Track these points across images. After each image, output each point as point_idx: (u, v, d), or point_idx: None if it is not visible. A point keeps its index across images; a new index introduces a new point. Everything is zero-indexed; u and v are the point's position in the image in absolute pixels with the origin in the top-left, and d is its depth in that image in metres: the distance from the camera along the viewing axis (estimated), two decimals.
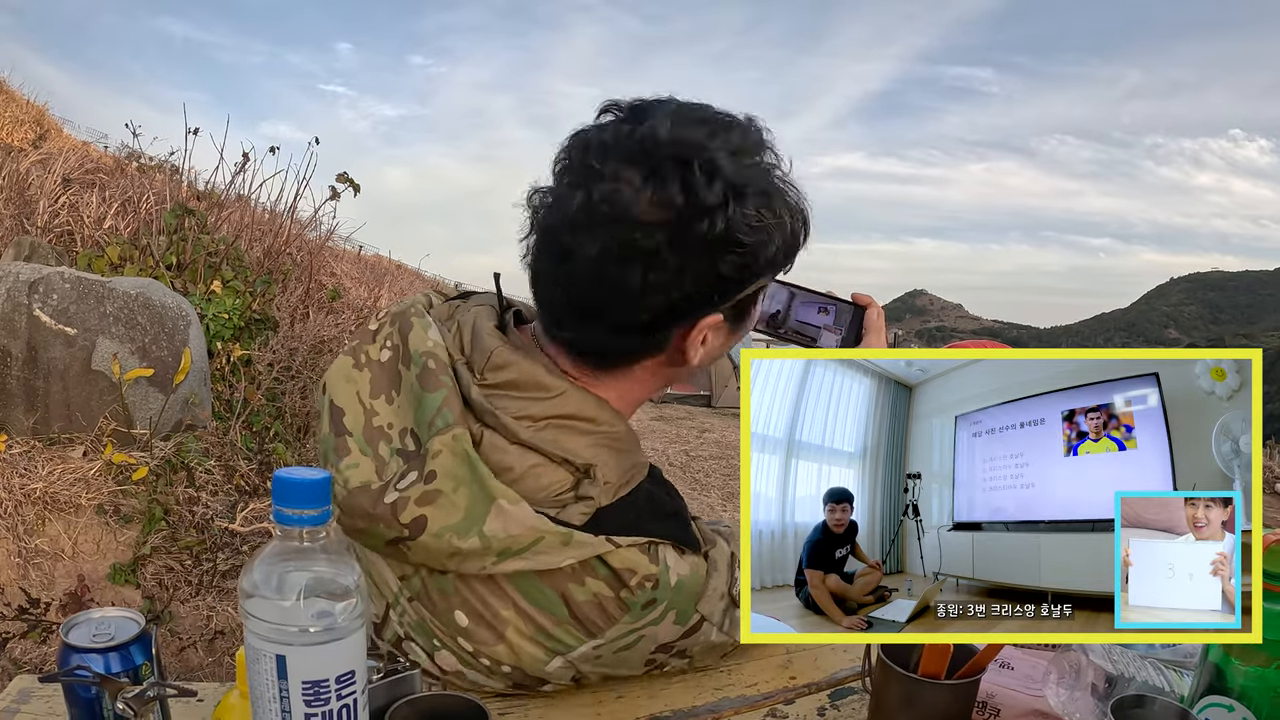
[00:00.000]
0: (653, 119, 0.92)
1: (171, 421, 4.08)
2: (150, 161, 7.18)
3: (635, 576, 0.96)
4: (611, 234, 0.91)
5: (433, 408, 0.97)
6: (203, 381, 4.32)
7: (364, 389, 1.04)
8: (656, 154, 0.91)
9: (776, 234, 0.96)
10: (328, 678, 0.68)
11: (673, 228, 0.90)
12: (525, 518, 0.92)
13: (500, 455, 0.95)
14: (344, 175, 5.33)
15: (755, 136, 0.97)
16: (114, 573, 3.46)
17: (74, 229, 5.32)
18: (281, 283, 5.56)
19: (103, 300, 3.92)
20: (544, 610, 0.97)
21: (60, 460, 3.74)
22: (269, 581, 0.67)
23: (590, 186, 0.91)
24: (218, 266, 5.10)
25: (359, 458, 1.00)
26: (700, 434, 8.33)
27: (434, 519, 0.93)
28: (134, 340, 3.94)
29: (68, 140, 9.13)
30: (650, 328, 0.97)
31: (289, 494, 0.66)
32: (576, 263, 0.93)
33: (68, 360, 3.79)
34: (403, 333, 1.05)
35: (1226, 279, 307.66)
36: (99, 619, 0.90)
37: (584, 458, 0.97)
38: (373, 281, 8.22)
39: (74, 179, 5.75)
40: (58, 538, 3.54)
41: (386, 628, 1.04)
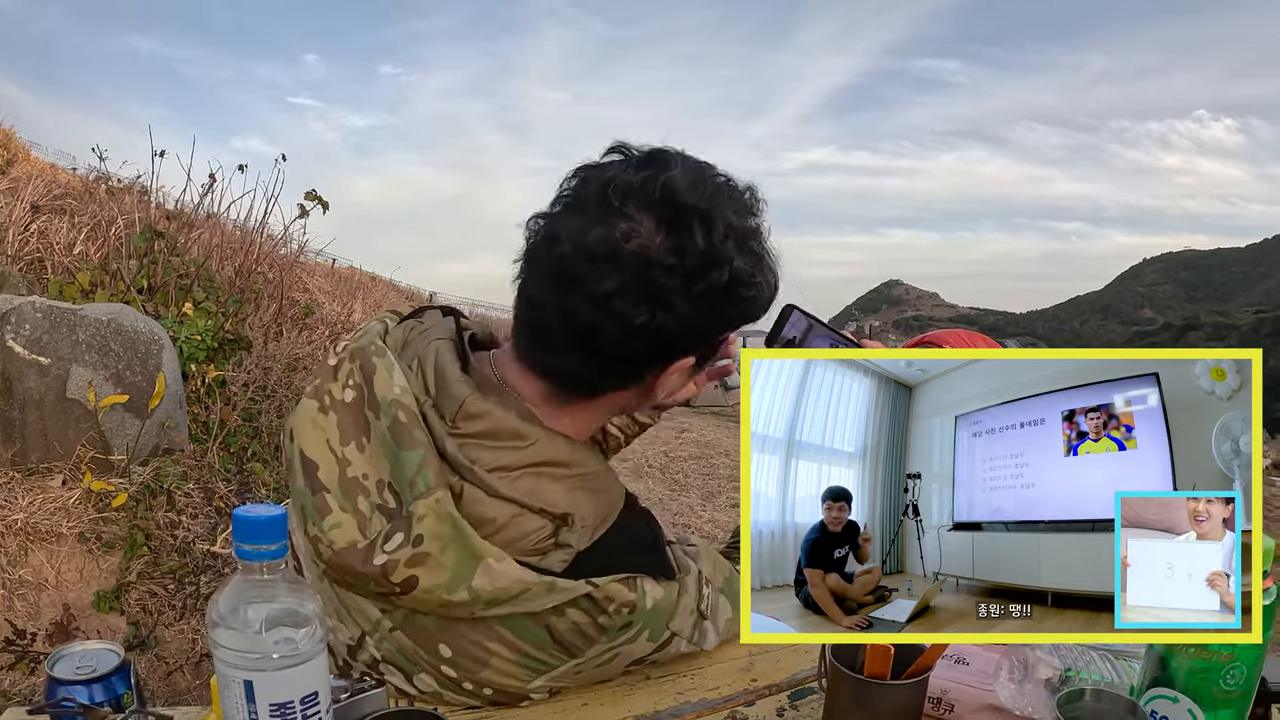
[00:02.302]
0: (670, 170, 0.96)
1: (149, 446, 4.09)
2: (119, 184, 7.16)
3: (614, 604, 1.01)
4: (630, 270, 0.94)
5: (412, 467, 0.98)
6: (178, 405, 4.34)
7: (333, 435, 1.04)
8: (676, 203, 0.94)
9: (766, 289, 1.02)
10: (293, 699, 0.73)
11: (688, 274, 0.95)
12: (511, 572, 0.96)
13: (481, 508, 0.98)
14: (312, 193, 5.34)
15: (753, 201, 1.02)
16: (98, 600, 3.48)
17: (44, 256, 5.30)
18: (253, 302, 5.57)
19: (75, 328, 3.93)
20: (528, 640, 1.02)
21: (40, 490, 3.75)
22: (235, 613, 0.72)
23: (610, 221, 0.94)
24: (189, 288, 5.11)
25: (340, 516, 1.00)
26: (679, 434, 8.36)
27: (424, 578, 0.96)
28: (108, 367, 3.95)
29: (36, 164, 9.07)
30: (635, 362, 1.02)
31: (248, 532, 0.71)
32: (585, 291, 0.95)
33: (42, 390, 3.80)
34: (366, 374, 1.05)
35: (1199, 258, 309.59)
36: (81, 652, 0.95)
37: (561, 506, 1.00)
38: (346, 295, 8.23)
39: (43, 206, 5.74)
40: (41, 567, 3.55)
41: (362, 651, 1.07)
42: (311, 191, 5.31)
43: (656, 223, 0.95)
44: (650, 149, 1.01)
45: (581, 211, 0.97)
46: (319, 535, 1.00)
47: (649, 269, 0.94)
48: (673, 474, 7.01)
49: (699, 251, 0.95)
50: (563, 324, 0.98)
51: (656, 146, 1.01)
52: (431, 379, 1.04)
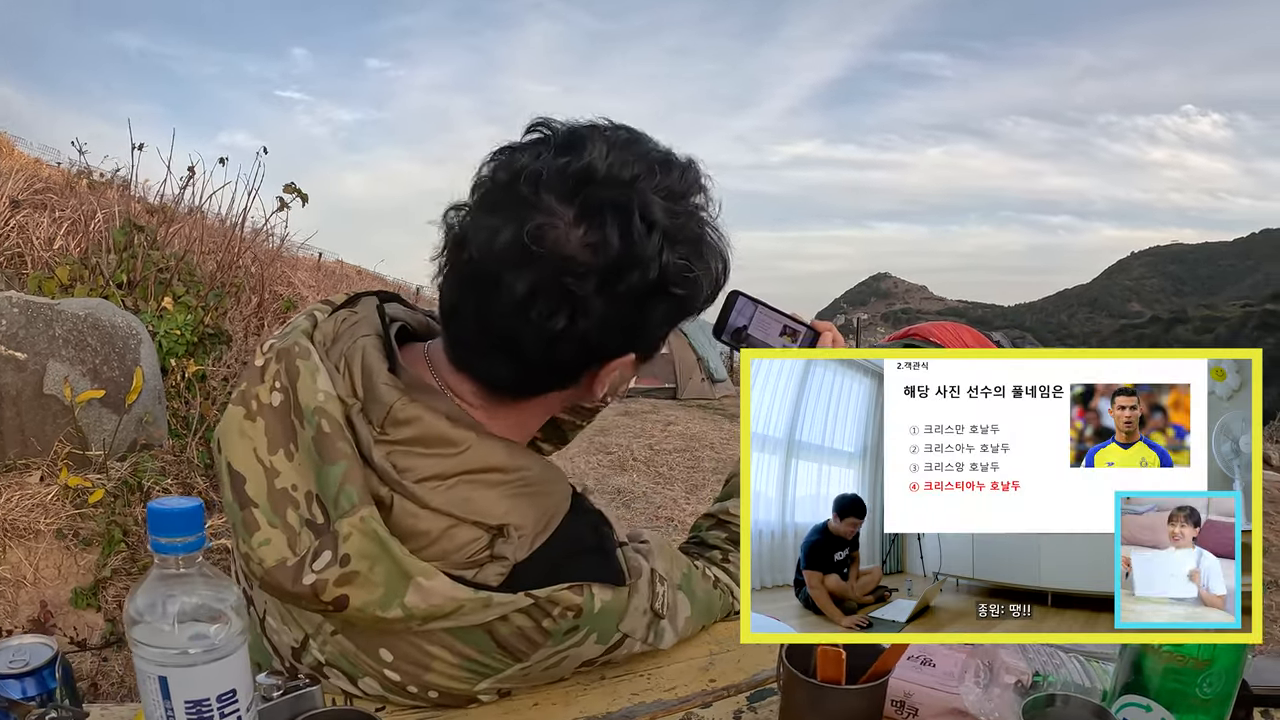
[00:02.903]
0: (588, 152, 0.90)
1: (127, 442, 4.08)
2: (101, 178, 7.12)
3: (557, 608, 0.97)
4: (541, 273, 0.88)
5: (334, 482, 0.93)
6: (157, 400, 4.32)
7: (260, 444, 0.98)
8: (593, 194, 0.88)
9: (704, 281, 0.96)
10: (209, 696, 0.71)
11: (605, 273, 0.88)
12: (443, 589, 0.92)
13: (412, 521, 0.93)
14: (291, 186, 5.32)
15: (691, 177, 0.95)
16: (76, 597, 3.46)
17: (23, 251, 5.28)
18: (234, 296, 5.55)
19: (51, 323, 3.91)
20: (471, 645, 0.98)
21: (17, 486, 3.73)
22: (152, 608, 0.71)
23: (522, 218, 0.88)
24: (169, 282, 5.09)
25: (269, 531, 0.95)
26: (665, 426, 8.35)
27: (355, 597, 0.92)
28: (85, 362, 3.94)
29: (19, 158, 9.02)
30: (563, 366, 0.96)
31: (162, 524, 0.69)
32: (500, 298, 0.90)
33: (19, 385, 3.78)
34: (290, 378, 0.99)
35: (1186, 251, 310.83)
36: (15, 645, 0.93)
37: (496, 516, 0.95)
38: (330, 288, 8.19)
39: (23, 200, 5.71)
40: (19, 564, 3.53)
41: (306, 653, 1.04)
42: (290, 184, 5.29)
43: (574, 216, 0.88)
44: (572, 126, 0.94)
45: (491, 207, 0.91)
46: (249, 553, 0.95)
47: (562, 273, 0.88)
48: (657, 467, 6.99)
49: (616, 251, 0.88)
50: (479, 330, 0.94)
51: (581, 124, 0.94)
52: (359, 381, 0.98)
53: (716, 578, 1.27)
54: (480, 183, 0.94)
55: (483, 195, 0.93)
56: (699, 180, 0.96)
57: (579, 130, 0.93)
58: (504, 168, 0.92)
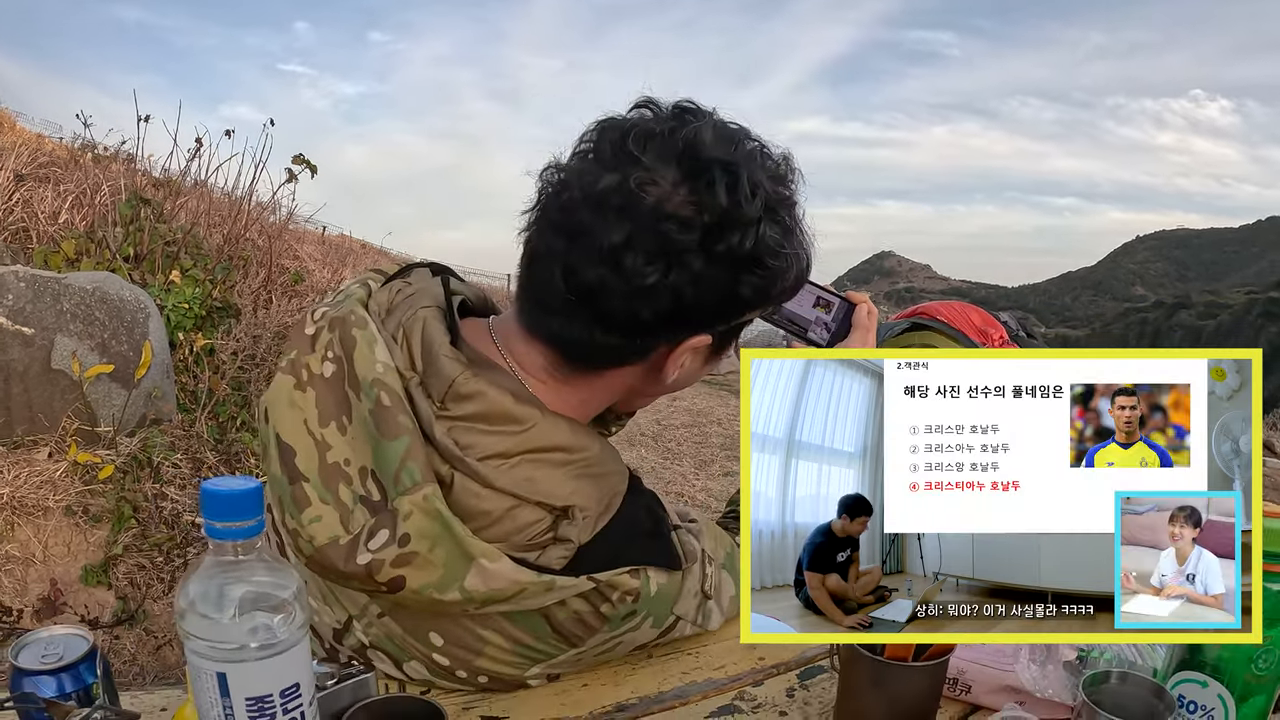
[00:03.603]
0: (698, 124, 0.89)
1: (136, 417, 4.03)
2: (105, 151, 7.06)
3: (616, 592, 0.95)
4: (642, 222, 0.86)
5: (395, 458, 0.89)
6: (165, 374, 4.27)
7: (311, 416, 0.95)
8: (700, 156, 0.87)
9: (793, 267, 0.94)
10: (271, 693, 0.67)
11: (707, 231, 0.87)
12: (506, 572, 0.89)
13: (475, 500, 0.90)
14: (299, 157, 5.25)
15: (788, 171, 0.94)
16: (86, 574, 3.43)
17: (29, 225, 5.22)
18: (242, 269, 5.49)
19: (59, 297, 3.85)
20: (526, 629, 0.96)
21: (26, 463, 3.69)
22: (205, 597, 0.66)
23: (625, 170, 0.86)
24: (176, 255, 5.03)
25: (320, 508, 0.92)
26: (671, 402, 8.33)
27: (412, 579, 0.89)
28: (93, 336, 3.88)
29: (21, 133, 8.96)
30: (644, 329, 0.92)
31: (219, 507, 0.64)
32: (591, 244, 0.87)
33: (27, 361, 3.73)
34: (346, 348, 0.96)
35: (1192, 236, 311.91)
36: (47, 638, 0.88)
37: (561, 497, 0.92)
38: (336, 262, 8.14)
39: (27, 174, 5.64)
40: (28, 542, 3.49)
41: (349, 635, 1.01)
42: (299, 155, 5.22)
43: (678, 175, 0.86)
44: (680, 102, 0.93)
45: (598, 160, 0.89)
46: (298, 529, 0.92)
47: (663, 222, 0.85)
48: (665, 442, 6.98)
49: (721, 209, 0.86)
50: (565, 280, 0.89)
51: (687, 102, 0.93)
52: (419, 353, 0.95)
53: None
54: (584, 142, 0.92)
55: (585, 153, 0.91)
56: (794, 174, 0.95)
57: (686, 106, 0.92)
58: (613, 129, 0.90)
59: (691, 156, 0.87)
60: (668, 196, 0.86)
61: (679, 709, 1.06)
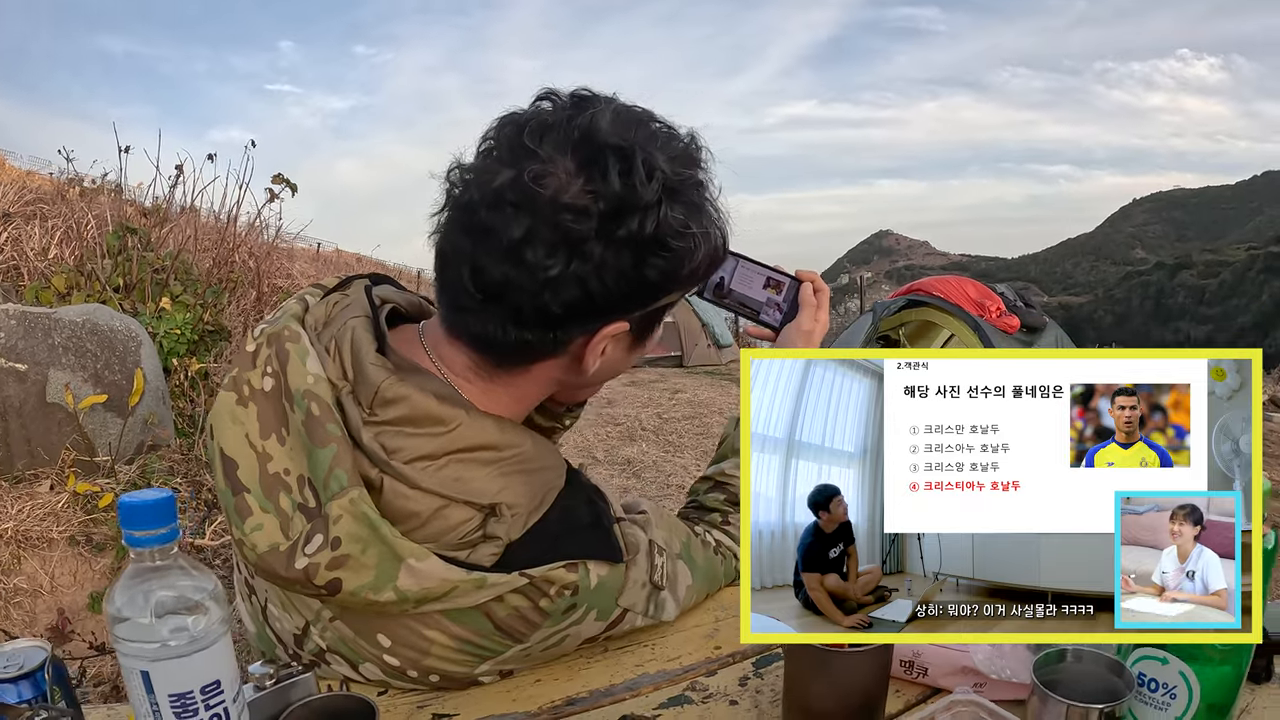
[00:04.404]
0: (594, 110, 0.90)
1: (133, 444, 4.08)
2: (91, 184, 7.11)
3: (554, 586, 0.96)
4: (540, 215, 0.87)
5: (324, 465, 0.92)
6: (161, 400, 4.32)
7: (252, 429, 0.97)
8: (596, 143, 0.88)
9: (702, 246, 0.94)
10: (192, 689, 0.70)
11: (604, 218, 0.87)
12: (436, 571, 0.91)
13: (404, 502, 0.92)
14: (279, 176, 5.30)
15: (694, 151, 0.95)
16: (93, 602, 3.47)
17: (19, 263, 5.28)
18: (232, 291, 5.54)
19: (50, 332, 3.90)
20: (468, 627, 0.97)
21: (28, 497, 3.74)
22: (131, 603, 0.70)
23: (521, 165, 0.87)
24: (165, 282, 5.08)
25: (261, 517, 0.94)
26: (673, 395, 8.34)
27: (347, 581, 0.91)
28: (85, 368, 3.93)
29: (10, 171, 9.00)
30: (557, 321, 0.93)
31: (134, 518, 0.68)
32: (494, 242, 0.88)
33: (22, 396, 3.78)
34: (281, 361, 0.98)
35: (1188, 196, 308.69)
36: (9, 651, 0.93)
37: (489, 495, 0.94)
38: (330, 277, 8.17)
39: (14, 213, 5.70)
40: (35, 574, 3.54)
41: (307, 640, 1.03)
42: (279, 175, 5.26)
43: (575, 165, 0.87)
44: (579, 90, 0.94)
45: (496, 157, 0.90)
46: (242, 538, 0.94)
47: (560, 213, 0.86)
48: (667, 435, 6.96)
49: (616, 194, 0.87)
50: (474, 280, 0.91)
51: (587, 90, 0.94)
52: (349, 363, 0.97)
53: (718, 542, 1.26)
54: (483, 139, 0.93)
55: (484, 151, 0.92)
56: (700, 154, 0.96)
57: (585, 94, 0.93)
58: (509, 123, 0.91)
59: (587, 144, 0.88)
60: (564, 187, 0.87)
61: (629, 700, 1.06)
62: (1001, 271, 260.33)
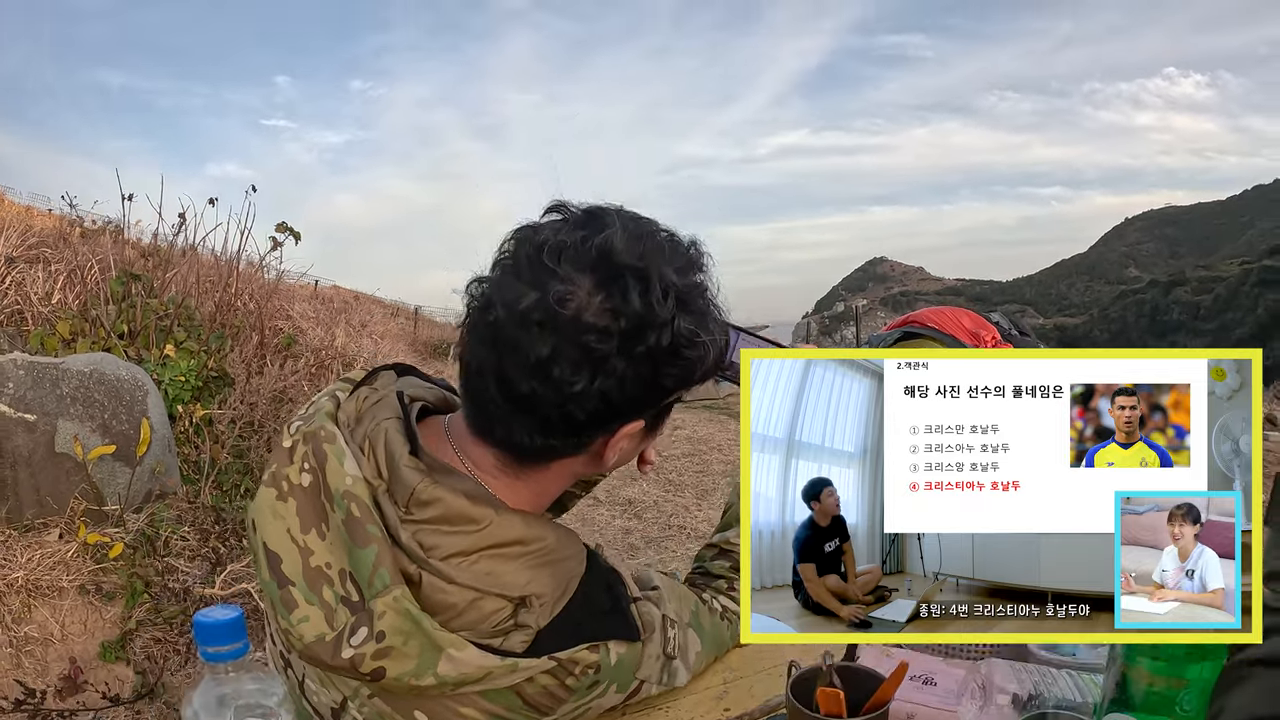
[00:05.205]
0: (607, 229, 0.95)
1: (142, 493, 4.11)
2: (93, 225, 7.15)
3: (579, 666, 1.03)
4: (564, 334, 0.93)
5: (368, 565, 0.98)
6: (167, 448, 4.36)
7: (294, 524, 1.03)
8: (613, 263, 0.94)
9: (711, 351, 1.01)
10: None
11: (625, 336, 0.93)
12: (473, 659, 0.97)
13: (441, 595, 0.98)
14: (283, 225, 5.36)
15: (695, 255, 1.02)
16: (104, 651, 3.50)
17: (23, 308, 5.30)
18: (234, 336, 5.58)
19: (58, 382, 3.94)
20: (500, 704, 1.03)
21: (37, 546, 3.76)
22: (206, 708, 0.76)
23: (544, 285, 0.93)
24: (169, 329, 5.12)
25: (307, 609, 1.00)
26: (672, 431, 8.34)
27: (391, 669, 0.97)
28: (93, 418, 3.97)
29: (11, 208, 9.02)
30: (580, 428, 1.00)
31: (210, 636, 0.75)
32: (521, 357, 0.94)
33: (31, 446, 3.81)
34: (319, 460, 1.04)
35: (1180, 213, 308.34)
36: None
37: (519, 587, 1.00)
38: (329, 319, 8.22)
39: (17, 256, 5.73)
40: (45, 623, 3.57)
41: (345, 714, 1.09)
42: (282, 223, 5.33)
43: (593, 284, 0.94)
44: (589, 207, 1.01)
45: (516, 275, 0.97)
46: (289, 629, 1.00)
47: (584, 333, 0.93)
48: (666, 474, 6.99)
49: (636, 313, 0.94)
50: (501, 392, 0.98)
51: (595, 205, 1.01)
52: (383, 463, 1.04)
53: (725, 608, 1.32)
54: (503, 255, 1.00)
55: (506, 266, 0.99)
56: (702, 259, 1.03)
57: (595, 211, 1.00)
58: (527, 242, 0.98)
59: (604, 264, 0.94)
60: (585, 305, 0.93)
61: None
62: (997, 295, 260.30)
